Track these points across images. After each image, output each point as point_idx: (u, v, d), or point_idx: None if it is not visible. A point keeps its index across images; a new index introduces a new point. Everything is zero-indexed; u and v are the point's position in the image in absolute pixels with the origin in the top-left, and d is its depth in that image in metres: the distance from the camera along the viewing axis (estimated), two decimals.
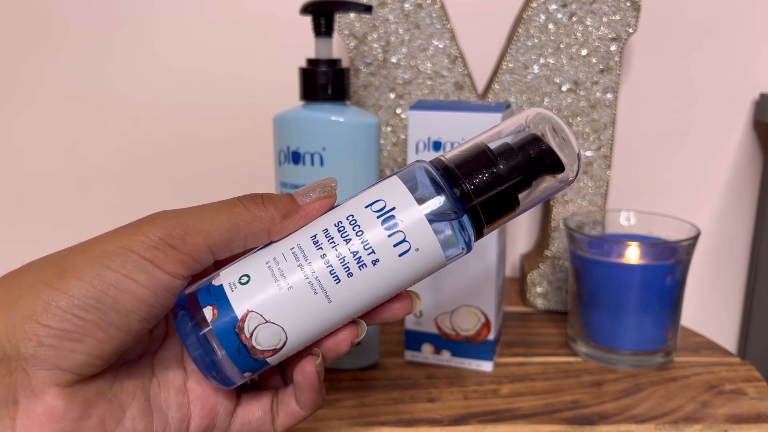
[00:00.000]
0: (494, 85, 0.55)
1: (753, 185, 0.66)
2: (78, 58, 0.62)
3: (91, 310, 0.23)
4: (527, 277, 0.59)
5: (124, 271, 0.24)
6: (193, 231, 0.25)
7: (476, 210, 0.28)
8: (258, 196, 0.27)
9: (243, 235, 0.26)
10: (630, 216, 0.53)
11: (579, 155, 0.29)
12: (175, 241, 0.25)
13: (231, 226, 0.26)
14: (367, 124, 0.45)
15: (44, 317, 0.23)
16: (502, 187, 0.28)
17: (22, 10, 0.61)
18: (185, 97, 0.63)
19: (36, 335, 0.23)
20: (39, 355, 0.23)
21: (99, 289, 0.24)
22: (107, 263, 0.24)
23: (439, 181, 0.28)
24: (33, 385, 0.23)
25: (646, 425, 0.41)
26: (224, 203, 0.27)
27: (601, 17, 0.53)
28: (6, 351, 0.23)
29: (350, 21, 0.54)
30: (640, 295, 0.47)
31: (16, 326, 0.23)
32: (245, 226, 0.26)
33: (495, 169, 0.28)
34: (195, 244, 0.25)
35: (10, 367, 0.23)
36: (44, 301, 0.23)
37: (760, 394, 0.45)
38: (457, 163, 0.28)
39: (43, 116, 0.63)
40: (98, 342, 0.24)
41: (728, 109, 0.64)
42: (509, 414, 0.42)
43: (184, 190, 0.65)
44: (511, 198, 0.28)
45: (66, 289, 0.23)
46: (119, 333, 0.24)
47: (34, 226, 0.66)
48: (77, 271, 0.24)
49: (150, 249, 0.25)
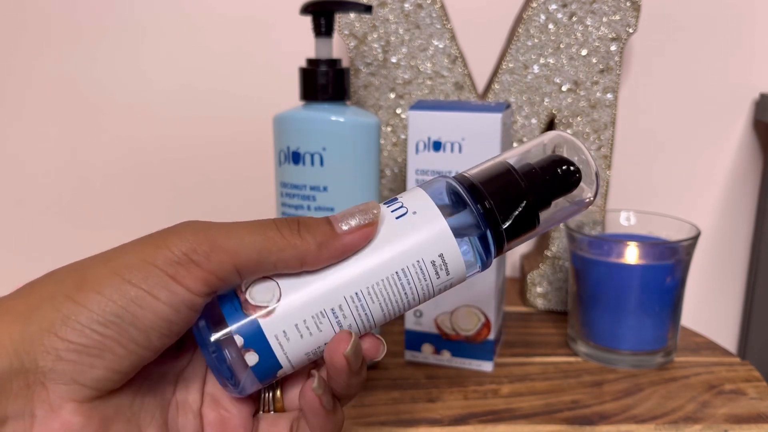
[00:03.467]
0: (494, 85, 0.55)
1: (753, 185, 0.66)
2: (77, 59, 0.62)
3: (110, 325, 0.23)
4: (527, 277, 0.59)
5: (145, 286, 0.23)
6: (220, 249, 0.24)
7: (499, 227, 0.28)
8: (294, 222, 0.26)
9: (273, 261, 0.25)
10: (630, 216, 0.53)
11: (597, 174, 0.29)
12: (200, 258, 0.24)
13: (262, 249, 0.25)
14: (367, 124, 0.45)
15: (63, 331, 0.22)
16: (525, 206, 0.28)
17: (21, 13, 0.61)
18: (185, 97, 0.63)
19: (55, 349, 0.22)
20: (57, 369, 0.22)
21: (119, 305, 0.23)
22: (128, 277, 0.23)
23: (464, 196, 0.28)
24: (51, 400, 0.23)
25: (646, 425, 0.41)
26: (258, 224, 0.25)
27: (601, 17, 0.53)
28: (24, 363, 0.22)
29: (350, 21, 0.54)
30: (640, 295, 0.47)
31: (35, 339, 0.22)
32: (277, 252, 0.25)
33: (519, 188, 0.28)
34: (221, 263, 0.24)
35: (28, 380, 0.22)
36: (64, 314, 0.22)
37: (760, 394, 0.45)
38: (482, 181, 0.28)
39: (42, 118, 0.63)
40: (117, 357, 0.23)
41: (728, 109, 0.64)
42: (509, 414, 0.42)
43: (184, 190, 0.65)
44: (532, 217, 0.28)
45: (86, 302, 0.23)
46: (139, 349, 0.24)
47: (34, 228, 0.66)
48: (98, 284, 0.23)
49: (173, 264, 0.24)
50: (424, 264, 0.27)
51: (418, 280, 0.27)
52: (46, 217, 0.66)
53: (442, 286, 0.28)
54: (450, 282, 0.28)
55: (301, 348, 0.27)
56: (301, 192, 0.45)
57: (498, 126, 0.42)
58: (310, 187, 0.45)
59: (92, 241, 0.66)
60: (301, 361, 0.27)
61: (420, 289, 0.27)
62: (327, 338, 0.27)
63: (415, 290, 0.27)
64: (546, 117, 0.56)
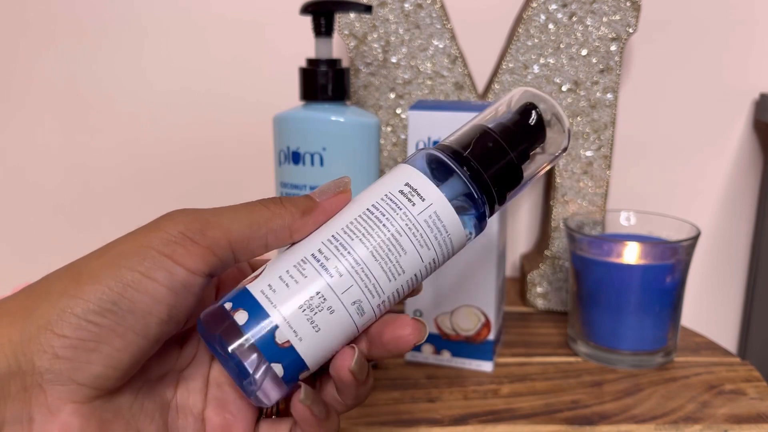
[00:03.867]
0: (494, 85, 0.55)
1: (753, 185, 0.66)
2: (76, 59, 0.62)
3: (106, 314, 0.22)
4: (527, 277, 0.59)
5: (142, 269, 0.23)
6: (213, 225, 0.25)
7: (488, 186, 0.28)
8: (276, 198, 0.27)
9: (264, 233, 0.26)
10: (630, 216, 0.53)
11: (569, 131, 0.30)
12: (195, 235, 0.24)
13: (252, 223, 0.26)
14: (367, 124, 0.45)
15: (59, 326, 0.22)
16: (508, 160, 0.28)
17: (23, 15, 0.61)
18: (185, 97, 0.63)
19: (51, 347, 0.22)
20: (54, 368, 0.22)
21: (115, 291, 0.23)
22: (124, 263, 0.23)
23: (449, 163, 0.28)
24: (49, 402, 0.22)
25: (646, 425, 0.41)
26: (244, 204, 0.27)
27: (601, 17, 0.53)
28: (21, 365, 0.22)
29: (350, 21, 0.54)
30: (640, 295, 0.47)
31: (32, 338, 0.22)
32: (266, 223, 0.26)
33: (499, 146, 0.28)
34: (215, 238, 0.25)
35: (26, 383, 0.22)
36: (60, 308, 0.22)
37: (760, 394, 0.45)
38: (462, 145, 0.29)
39: (43, 121, 0.63)
40: (115, 351, 0.23)
41: (728, 109, 0.64)
42: (509, 414, 0.42)
43: (184, 190, 0.65)
44: (517, 171, 0.29)
45: (81, 294, 0.22)
46: (137, 338, 0.23)
47: (35, 231, 0.66)
48: (93, 275, 0.23)
49: (169, 244, 0.24)
50: (393, 195, 0.27)
51: (393, 210, 0.27)
52: (47, 219, 0.66)
53: (429, 221, 0.27)
54: (434, 211, 0.27)
55: (292, 300, 0.26)
56: (301, 192, 0.45)
57: None
58: (310, 187, 0.45)
59: (93, 243, 0.66)
60: (301, 323, 0.26)
61: (402, 222, 0.27)
62: (317, 288, 0.26)
63: (397, 224, 0.26)
64: None
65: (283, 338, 0.25)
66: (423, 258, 0.27)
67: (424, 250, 0.27)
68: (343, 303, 0.26)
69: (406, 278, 0.27)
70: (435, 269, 0.28)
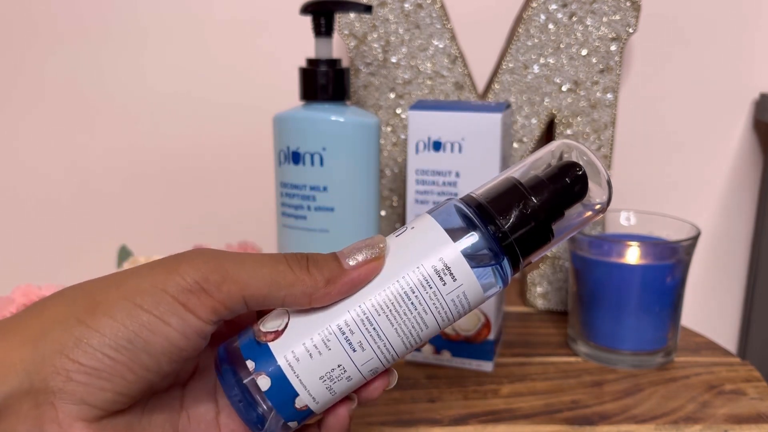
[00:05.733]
0: (494, 85, 0.55)
1: (753, 185, 0.66)
2: (77, 61, 0.62)
3: (122, 350, 0.23)
4: (527, 277, 0.59)
5: (157, 312, 0.24)
6: (231, 280, 0.25)
7: (512, 246, 0.27)
8: (303, 258, 0.26)
9: (282, 295, 0.26)
10: (630, 216, 0.53)
11: (609, 182, 0.28)
12: (211, 287, 0.24)
13: (271, 283, 0.25)
14: (367, 124, 0.45)
15: (74, 353, 0.23)
16: (537, 220, 0.27)
17: (24, 18, 0.61)
18: (185, 97, 0.63)
19: (65, 370, 0.23)
20: (67, 389, 0.23)
21: (131, 330, 0.23)
22: (140, 302, 0.24)
23: (473, 218, 0.27)
24: (60, 420, 0.23)
25: (646, 425, 0.41)
26: (268, 257, 0.26)
27: (601, 17, 0.53)
28: (34, 384, 0.22)
29: (350, 21, 0.54)
30: (640, 295, 0.47)
31: (45, 359, 0.23)
32: (286, 287, 0.25)
33: (527, 202, 0.27)
34: (230, 293, 0.25)
35: (38, 401, 0.23)
36: (75, 337, 0.23)
37: (760, 394, 0.45)
38: (489, 199, 0.28)
39: (43, 122, 0.63)
40: (127, 382, 0.24)
41: (728, 109, 0.64)
42: (509, 414, 0.42)
43: (184, 190, 0.65)
44: (545, 230, 0.28)
45: (98, 326, 0.23)
46: (149, 374, 0.24)
47: (35, 231, 0.66)
48: (110, 308, 0.23)
49: (184, 292, 0.24)
50: (425, 270, 0.26)
51: (423, 289, 0.26)
52: (46, 219, 0.66)
53: (456, 299, 0.27)
54: (462, 292, 0.27)
55: (315, 370, 0.26)
56: (301, 192, 0.45)
57: (498, 126, 0.42)
58: (310, 187, 0.45)
59: (93, 242, 0.66)
60: (320, 391, 0.27)
61: (430, 301, 0.27)
62: (340, 361, 0.26)
63: (424, 302, 0.27)
64: (546, 117, 0.56)
65: (302, 404, 0.27)
66: (441, 327, 0.28)
67: (445, 323, 0.28)
68: (361, 372, 0.27)
69: (420, 343, 0.28)
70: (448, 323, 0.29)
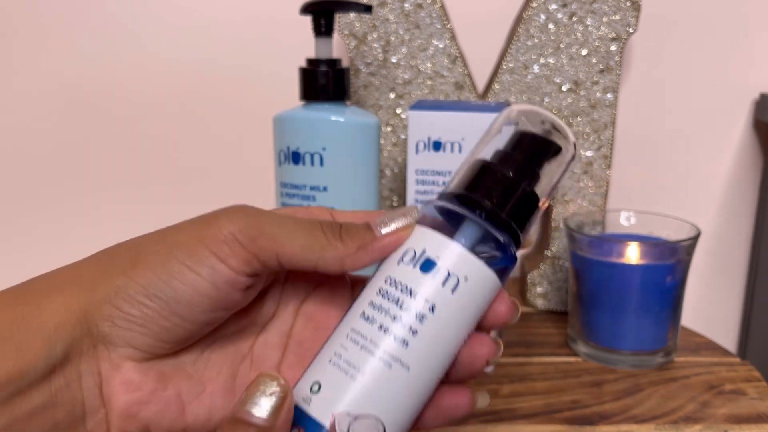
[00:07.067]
0: (494, 85, 0.55)
1: (753, 185, 0.66)
2: (74, 56, 0.62)
3: (153, 299, 0.25)
4: (527, 277, 0.59)
5: (189, 262, 0.25)
6: (268, 236, 0.26)
7: (508, 222, 0.27)
8: (337, 226, 0.27)
9: (315, 258, 0.26)
10: (630, 216, 0.53)
11: (562, 128, 0.28)
12: (246, 239, 0.25)
13: (305, 246, 0.26)
14: (367, 124, 0.45)
15: (116, 301, 0.25)
16: (519, 190, 0.27)
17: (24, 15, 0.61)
18: (185, 97, 0.63)
19: (111, 316, 0.25)
20: (114, 333, 0.25)
21: (162, 280, 0.25)
22: (175, 253, 0.25)
23: (456, 209, 0.27)
24: (112, 359, 0.25)
25: (646, 425, 0.41)
26: (306, 222, 0.27)
27: (601, 17, 0.53)
28: (90, 328, 0.25)
29: (350, 21, 0.54)
30: (640, 295, 0.47)
31: (96, 307, 0.25)
32: (319, 251, 0.26)
33: (503, 177, 0.27)
34: (264, 249, 0.26)
35: (94, 342, 0.25)
36: (117, 286, 0.25)
37: (760, 394, 0.45)
38: (467, 187, 0.28)
39: (44, 116, 0.63)
40: (163, 329, 0.25)
41: (728, 109, 0.64)
42: (509, 414, 0.42)
43: (184, 190, 0.65)
44: (531, 197, 0.28)
45: (135, 276, 0.25)
46: (184, 322, 0.25)
47: (37, 225, 0.66)
48: (149, 260, 0.25)
49: (218, 242, 0.25)
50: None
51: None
52: (51, 213, 0.66)
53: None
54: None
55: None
56: (301, 192, 0.45)
57: None
58: (310, 187, 0.45)
59: (93, 240, 0.66)
60: None
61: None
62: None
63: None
64: None
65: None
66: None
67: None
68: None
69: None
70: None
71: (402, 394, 0.26)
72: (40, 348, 0.24)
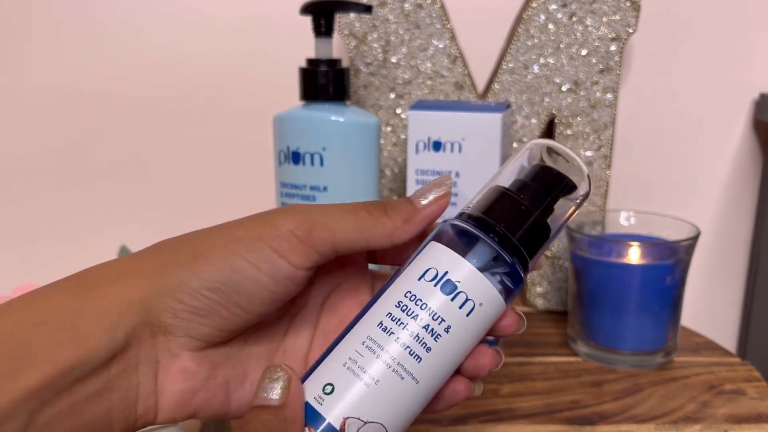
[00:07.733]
0: (494, 85, 0.55)
1: (753, 185, 0.66)
2: (74, 56, 0.62)
3: (216, 291, 0.26)
4: (527, 277, 0.59)
5: (250, 258, 0.26)
6: (321, 227, 0.27)
7: (518, 248, 0.28)
8: (380, 205, 0.29)
9: (366, 238, 0.28)
10: (630, 216, 0.53)
11: (582, 167, 0.30)
12: (303, 234, 0.27)
13: (356, 228, 0.28)
14: (367, 124, 0.46)
15: (178, 294, 0.26)
16: (533, 220, 0.28)
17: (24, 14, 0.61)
18: (185, 96, 0.63)
19: (172, 308, 0.26)
20: (174, 324, 0.26)
21: (225, 274, 0.26)
22: (236, 249, 0.27)
23: (475, 232, 0.28)
24: (171, 349, 0.27)
25: (646, 425, 0.41)
26: (350, 206, 0.29)
27: (601, 17, 0.53)
28: (150, 318, 0.26)
29: (350, 21, 0.54)
30: (640, 295, 0.47)
31: (157, 298, 0.26)
32: (369, 230, 0.28)
33: (521, 206, 0.28)
34: (320, 238, 0.27)
35: (153, 331, 0.26)
36: (179, 279, 0.26)
37: (760, 394, 0.45)
38: (485, 211, 0.29)
39: (43, 115, 0.63)
40: (222, 319, 0.27)
41: (728, 109, 0.64)
42: (509, 414, 0.42)
43: (184, 190, 0.65)
44: (543, 227, 0.29)
45: (197, 270, 0.26)
46: (242, 313, 0.27)
47: (38, 226, 0.66)
48: (209, 255, 0.27)
49: (277, 239, 0.27)
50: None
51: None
52: (48, 214, 0.66)
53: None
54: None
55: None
56: (301, 192, 0.45)
57: (498, 126, 0.42)
58: (310, 187, 0.45)
59: (94, 242, 0.66)
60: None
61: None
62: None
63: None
64: (546, 117, 0.56)
65: None
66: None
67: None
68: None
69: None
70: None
71: (408, 404, 0.27)
72: (102, 336, 0.25)
